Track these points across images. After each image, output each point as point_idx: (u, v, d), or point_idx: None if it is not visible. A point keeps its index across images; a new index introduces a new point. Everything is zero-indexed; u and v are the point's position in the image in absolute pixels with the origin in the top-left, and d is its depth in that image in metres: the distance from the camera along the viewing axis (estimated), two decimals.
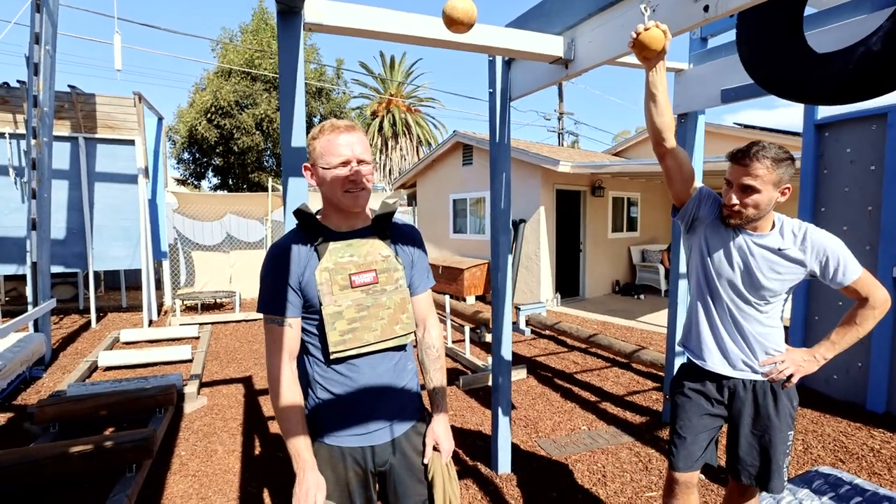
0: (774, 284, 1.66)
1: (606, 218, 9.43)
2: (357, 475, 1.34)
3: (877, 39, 1.67)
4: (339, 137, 1.26)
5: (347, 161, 1.26)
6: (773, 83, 2.02)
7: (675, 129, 1.63)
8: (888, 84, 1.68)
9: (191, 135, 16.53)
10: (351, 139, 1.27)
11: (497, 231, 2.83)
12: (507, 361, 2.88)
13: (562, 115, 17.55)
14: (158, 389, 3.67)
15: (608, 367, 5.02)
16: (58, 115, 6.66)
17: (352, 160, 1.26)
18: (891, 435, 3.32)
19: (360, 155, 1.27)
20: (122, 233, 7.19)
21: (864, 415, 3.65)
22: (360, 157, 1.27)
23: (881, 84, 1.69)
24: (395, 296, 1.35)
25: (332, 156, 1.26)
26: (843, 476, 2.34)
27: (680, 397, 1.85)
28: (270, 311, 1.29)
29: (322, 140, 1.27)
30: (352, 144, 1.27)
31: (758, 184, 1.57)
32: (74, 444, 2.67)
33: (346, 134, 1.27)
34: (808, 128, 4.12)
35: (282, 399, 1.26)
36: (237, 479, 2.93)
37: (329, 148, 1.26)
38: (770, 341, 1.71)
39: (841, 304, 3.91)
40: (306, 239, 1.31)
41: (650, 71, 1.56)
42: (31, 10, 5.00)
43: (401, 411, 1.38)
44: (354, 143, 1.27)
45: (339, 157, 1.25)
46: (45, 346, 5.13)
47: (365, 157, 1.29)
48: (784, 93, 2.01)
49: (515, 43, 2.17)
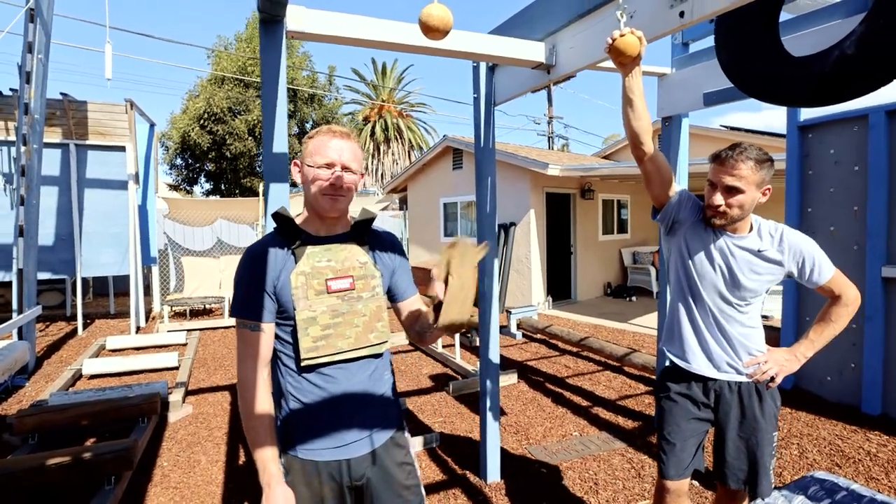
0: (755, 285, 1.68)
1: (597, 220, 9.47)
2: (332, 490, 1.29)
3: (850, 43, 1.69)
4: (332, 141, 1.27)
5: (332, 164, 1.25)
6: (751, 86, 2.04)
7: (652, 132, 1.63)
8: (862, 87, 1.69)
9: (184, 141, 16.51)
10: (342, 145, 1.27)
11: (483, 235, 2.82)
12: (496, 366, 2.86)
13: (551, 120, 17.62)
14: (142, 398, 3.62)
15: (600, 371, 5.01)
16: (49, 122, 6.64)
17: (337, 164, 1.25)
18: (887, 438, 3.30)
19: (346, 162, 1.27)
20: (111, 239, 7.15)
21: (859, 417, 3.64)
22: (345, 164, 1.26)
23: (855, 87, 1.71)
24: (371, 303, 1.33)
25: (320, 156, 1.25)
26: (840, 481, 2.32)
27: (666, 402, 1.83)
28: (244, 316, 1.26)
29: (316, 139, 1.28)
30: (341, 150, 1.26)
31: (742, 184, 1.58)
32: (52, 455, 2.61)
33: (340, 139, 1.27)
34: (792, 129, 4.16)
35: (251, 407, 1.22)
36: (220, 491, 2.88)
37: (319, 148, 1.26)
38: (752, 342, 1.72)
39: None
40: (284, 242, 1.29)
41: (626, 76, 1.57)
42: (25, 20, 5.01)
43: (379, 421, 1.35)
44: (344, 149, 1.27)
45: (325, 158, 1.25)
46: (29, 355, 5.06)
47: (351, 166, 1.28)
48: (762, 95, 2.02)
49: (498, 49, 2.17)
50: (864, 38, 1.66)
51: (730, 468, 1.76)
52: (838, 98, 1.80)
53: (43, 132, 5.44)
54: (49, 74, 5.36)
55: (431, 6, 1.34)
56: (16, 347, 4.80)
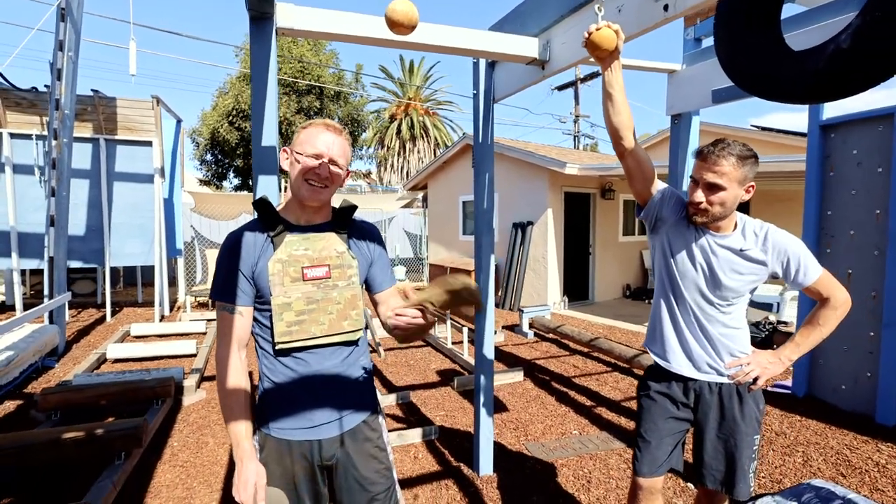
0: (736, 285, 1.65)
1: (617, 221, 9.33)
2: (304, 469, 1.34)
3: (846, 37, 1.63)
4: (323, 133, 1.32)
5: (320, 155, 1.30)
6: (748, 83, 1.99)
7: (633, 128, 1.62)
8: (857, 84, 1.64)
9: (213, 137, 16.94)
10: (332, 139, 1.32)
11: (480, 232, 2.84)
12: (490, 361, 2.88)
13: (578, 118, 17.41)
14: (157, 381, 3.78)
15: (608, 372, 4.97)
16: (80, 117, 6.94)
17: (325, 156, 1.30)
18: None
19: (334, 156, 1.32)
20: (137, 230, 7.43)
21: (872, 427, 3.51)
22: (333, 158, 1.32)
23: (850, 84, 1.65)
24: (345, 292, 1.37)
25: (309, 145, 1.30)
26: (837, 490, 2.25)
27: (645, 399, 1.83)
28: (222, 298, 1.31)
29: (309, 130, 1.33)
30: (331, 144, 1.32)
31: (723, 181, 1.55)
32: (67, 430, 2.77)
33: (331, 134, 1.33)
34: (813, 129, 4.02)
35: (226, 386, 1.28)
36: (223, 471, 2.99)
37: (310, 138, 1.31)
38: (735, 343, 1.70)
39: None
40: (263, 229, 1.34)
41: (605, 70, 1.56)
42: (56, 19, 5.26)
43: (350, 404, 1.39)
44: (334, 144, 1.32)
45: (314, 148, 1.30)
46: (59, 338, 5.33)
47: (338, 161, 1.33)
48: (759, 92, 1.98)
49: (493, 45, 2.19)
50: (859, 32, 1.61)
51: (707, 468, 1.75)
52: (833, 95, 1.73)
53: (73, 127, 5.71)
54: (79, 71, 5.62)
55: (395, 1, 1.38)
56: (46, 331, 5.06)
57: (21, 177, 6.90)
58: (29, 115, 6.89)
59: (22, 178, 6.90)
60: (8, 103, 6.79)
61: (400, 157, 23.63)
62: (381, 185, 24.24)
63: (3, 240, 6.83)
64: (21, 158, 6.88)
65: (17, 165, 6.86)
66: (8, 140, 6.79)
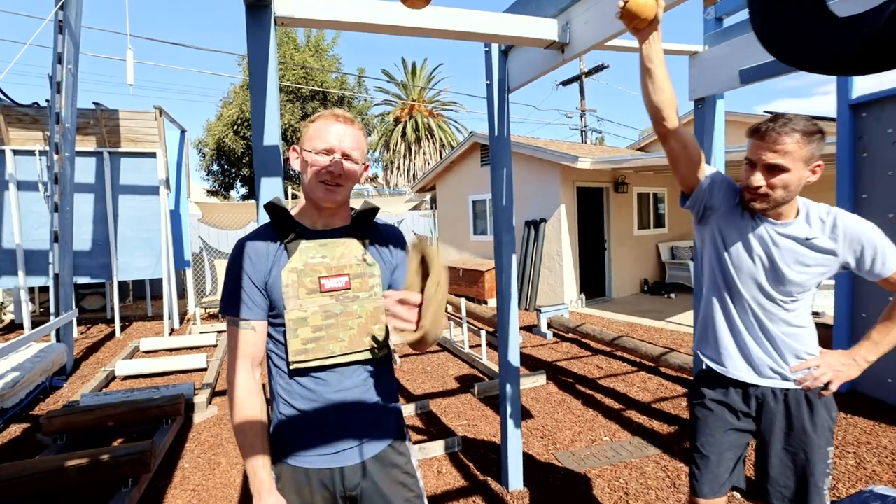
0: (802, 278, 1.45)
1: (632, 215, 9.10)
2: (325, 500, 1.20)
3: None
4: (333, 125, 1.18)
5: (331, 150, 1.16)
6: (791, 55, 1.79)
7: (675, 106, 1.44)
8: None
9: (219, 147, 16.93)
10: (343, 130, 1.18)
11: (500, 230, 2.66)
12: (516, 368, 2.70)
13: (584, 113, 17.16)
14: (166, 399, 3.64)
15: (634, 372, 4.76)
16: (83, 130, 6.87)
17: (336, 150, 1.16)
18: None
19: (347, 149, 1.17)
20: (144, 243, 7.33)
21: None
22: (346, 151, 1.17)
23: None
24: (367, 304, 1.23)
25: (319, 140, 1.16)
26: None
27: (700, 410, 1.63)
28: (232, 312, 1.17)
29: (317, 123, 1.19)
30: (342, 136, 1.17)
31: (786, 161, 1.35)
32: (70, 457, 2.62)
33: (342, 124, 1.18)
34: (843, 109, 3.80)
35: (240, 411, 1.14)
36: (237, 494, 2.84)
37: (319, 132, 1.17)
38: (800, 343, 1.50)
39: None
40: (276, 235, 1.20)
41: (643, 43, 1.38)
42: (54, 32, 5.15)
43: (372, 429, 1.24)
44: (346, 135, 1.18)
45: (325, 143, 1.16)
46: (67, 356, 5.22)
47: (352, 154, 1.19)
48: (804, 65, 1.78)
49: (507, 28, 2.01)
50: None
51: (774, 485, 1.55)
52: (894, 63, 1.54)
53: (74, 140, 5.60)
54: (80, 85, 5.52)
55: None
56: (53, 350, 4.95)
57: (25, 193, 6.82)
58: (31, 130, 6.81)
59: (26, 194, 6.83)
60: (10, 120, 6.72)
61: (406, 160, 23.52)
62: (387, 188, 24.12)
63: (9, 258, 6.76)
64: (24, 175, 6.81)
65: (20, 182, 6.79)
66: (11, 157, 6.72)
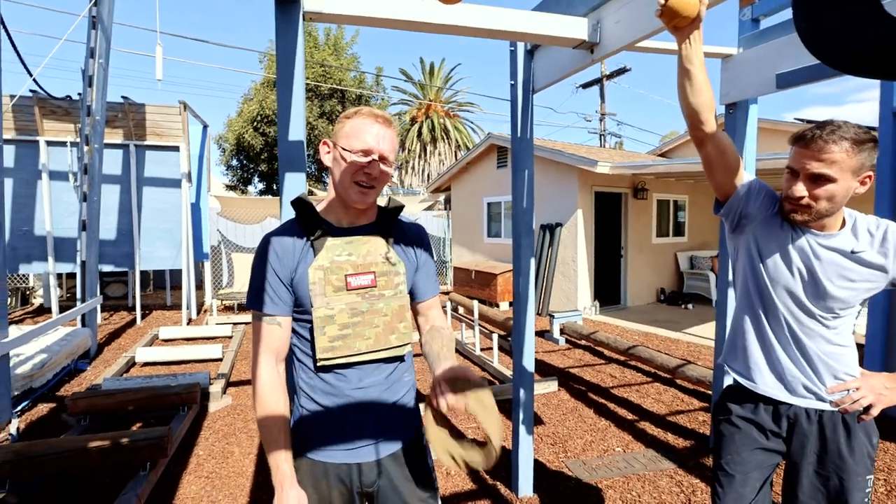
0: (845, 294, 1.36)
1: (650, 222, 8.99)
2: (342, 495, 1.21)
3: None
4: (373, 126, 1.18)
5: (370, 151, 1.16)
6: (841, 59, 1.71)
7: (714, 109, 1.39)
8: None
9: (238, 142, 17.15)
10: (383, 133, 1.18)
11: (519, 233, 2.65)
12: (530, 374, 2.68)
13: (603, 116, 17.02)
14: (183, 388, 3.70)
15: (649, 383, 4.70)
16: (111, 124, 7.06)
17: (375, 152, 1.16)
18: None
19: (384, 151, 1.18)
20: (166, 234, 7.51)
21: None
22: (383, 153, 1.18)
23: None
24: (393, 302, 1.23)
25: (357, 140, 1.16)
26: None
27: (726, 426, 1.54)
28: (259, 307, 1.19)
29: (356, 121, 1.18)
30: (381, 138, 1.18)
31: (833, 171, 1.26)
32: (93, 439, 2.69)
33: (382, 126, 1.19)
34: (886, 116, 3.63)
35: (262, 405, 1.16)
36: (249, 484, 2.87)
37: (358, 131, 1.17)
38: (840, 363, 1.41)
39: None
40: (302, 232, 1.21)
41: (683, 43, 1.30)
42: (88, 27, 5.33)
43: (390, 428, 1.25)
44: (385, 137, 1.18)
45: (363, 143, 1.16)
46: (91, 341, 5.36)
47: (388, 157, 1.19)
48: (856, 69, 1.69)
49: (535, 27, 2.00)
50: None
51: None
52: None
53: (104, 133, 5.78)
54: (109, 79, 5.66)
55: None
56: (78, 334, 5.09)
57: (56, 183, 7.07)
58: (64, 122, 7.04)
59: (57, 184, 7.07)
60: (45, 112, 6.95)
61: (421, 160, 23.57)
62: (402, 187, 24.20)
63: (40, 244, 7.01)
64: (56, 165, 7.05)
65: (52, 172, 7.04)
66: (44, 147, 6.99)
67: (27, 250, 6.99)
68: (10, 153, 6.91)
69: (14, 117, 6.85)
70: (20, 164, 6.97)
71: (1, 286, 3.24)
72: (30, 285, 8.81)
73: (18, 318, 7.51)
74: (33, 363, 4.13)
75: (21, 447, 2.63)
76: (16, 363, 4.02)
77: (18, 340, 3.49)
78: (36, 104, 6.85)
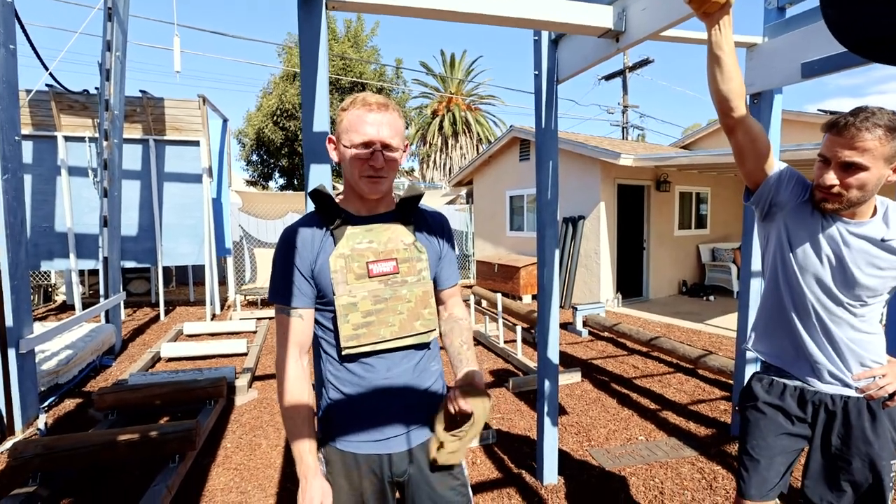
0: (873, 282, 1.36)
1: (672, 214, 8.85)
2: (373, 484, 1.22)
3: None
4: (368, 115, 1.13)
5: (370, 143, 1.13)
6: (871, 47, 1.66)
7: (744, 96, 1.36)
8: None
9: (258, 137, 17.26)
10: (380, 119, 1.14)
11: (543, 224, 2.63)
12: (555, 365, 2.67)
13: (626, 109, 16.75)
14: (209, 382, 3.75)
15: (671, 373, 4.65)
16: (130, 118, 7.07)
17: (375, 142, 1.14)
18: None
19: (386, 138, 1.14)
20: (188, 230, 7.55)
21: None
22: (385, 141, 1.14)
23: None
24: (416, 288, 1.23)
25: (356, 133, 1.14)
26: None
27: (752, 412, 1.57)
28: (280, 300, 1.19)
29: (351, 114, 1.15)
30: (380, 125, 1.14)
31: (865, 160, 1.26)
32: (122, 432, 2.74)
33: (377, 113, 1.14)
34: None
35: (286, 397, 1.16)
36: (277, 475, 2.91)
37: (355, 124, 1.14)
38: (867, 350, 1.42)
39: None
40: (322, 222, 1.21)
41: (712, 29, 1.28)
42: (104, 19, 5.30)
43: (420, 417, 1.25)
44: (383, 124, 1.14)
45: (362, 136, 1.13)
46: (116, 337, 5.45)
47: (391, 142, 1.15)
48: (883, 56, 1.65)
49: (560, 15, 1.96)
50: None
51: (824, 497, 1.47)
52: None
53: (122, 127, 5.75)
54: (126, 73, 5.66)
55: None
56: (103, 330, 5.18)
57: (76, 179, 7.06)
58: (81, 117, 7.02)
59: (77, 180, 7.06)
60: (62, 107, 6.93)
61: (442, 154, 23.50)
62: (423, 182, 24.20)
63: (61, 241, 7.05)
64: (75, 161, 7.04)
65: (71, 168, 7.03)
66: (63, 143, 6.97)
67: (48, 247, 7.00)
68: (28, 149, 6.83)
69: (31, 112, 6.79)
70: (38, 160, 6.92)
71: (24, 283, 3.26)
72: (52, 282, 8.86)
73: (42, 315, 7.58)
74: (59, 359, 4.18)
75: (50, 441, 2.69)
76: (41, 359, 4.06)
77: (43, 337, 3.51)
78: (53, 99, 6.80)
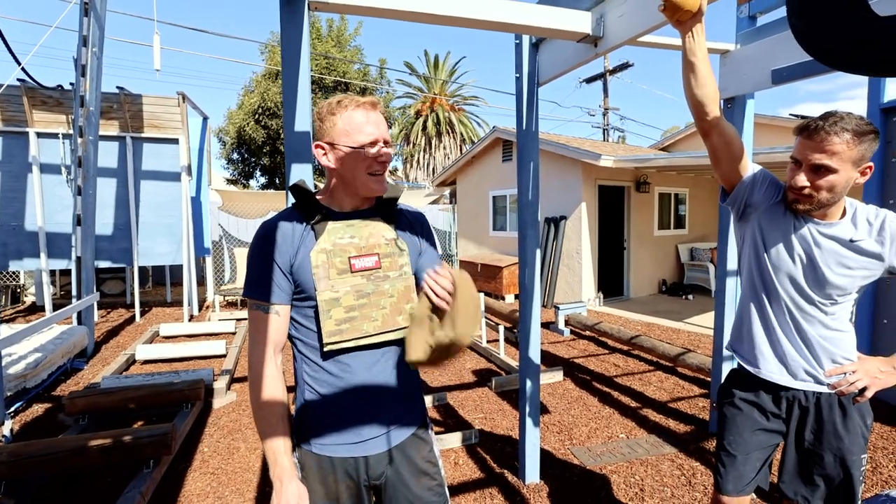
0: (843, 281, 1.41)
1: (652, 214, 8.99)
2: (349, 488, 1.20)
3: None
4: (368, 115, 1.17)
5: (377, 140, 1.16)
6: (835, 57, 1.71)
7: (718, 101, 1.40)
8: None
9: (239, 136, 17.00)
10: (378, 118, 1.19)
11: (525, 224, 2.64)
12: (536, 364, 2.69)
13: (607, 111, 16.95)
14: (186, 384, 3.68)
15: (651, 371, 4.72)
16: (107, 115, 6.89)
17: (380, 140, 1.17)
18: None
19: (386, 135, 1.19)
20: (165, 229, 7.38)
21: None
22: (385, 137, 1.18)
23: None
24: (398, 283, 1.22)
25: (361, 134, 1.15)
26: None
27: (729, 409, 1.62)
28: (256, 296, 1.17)
29: (345, 115, 1.16)
30: (378, 123, 1.18)
31: (834, 162, 1.31)
32: (94, 437, 2.67)
33: (374, 112, 1.19)
34: (874, 112, 3.68)
35: (263, 395, 1.14)
36: (256, 479, 2.87)
37: (356, 125, 1.16)
38: (838, 347, 1.47)
39: None
40: (302, 217, 1.20)
41: (686, 36, 1.34)
42: (80, 14, 5.13)
43: (399, 417, 1.24)
44: (381, 121, 1.19)
45: (368, 136, 1.15)
46: (88, 339, 5.30)
47: (388, 139, 1.21)
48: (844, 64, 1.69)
49: (540, 19, 1.98)
50: None
51: (799, 490, 1.52)
52: None
53: (98, 124, 5.59)
54: (104, 69, 5.50)
55: None
56: (74, 332, 5.04)
57: (48, 176, 6.85)
58: (55, 113, 6.82)
59: (49, 177, 6.85)
60: (34, 102, 6.72)
61: (426, 154, 23.47)
62: (407, 181, 24.14)
63: (31, 240, 6.83)
64: (48, 158, 6.84)
65: (44, 165, 6.83)
66: (35, 139, 6.75)
67: (17, 246, 6.78)
68: None
69: (1, 108, 6.59)
70: (8, 157, 6.70)
71: None
72: (20, 283, 8.60)
73: (10, 317, 7.35)
74: (27, 362, 4.05)
75: (16, 448, 2.60)
76: (8, 363, 3.93)
77: (10, 339, 3.39)
78: (25, 94, 6.60)
